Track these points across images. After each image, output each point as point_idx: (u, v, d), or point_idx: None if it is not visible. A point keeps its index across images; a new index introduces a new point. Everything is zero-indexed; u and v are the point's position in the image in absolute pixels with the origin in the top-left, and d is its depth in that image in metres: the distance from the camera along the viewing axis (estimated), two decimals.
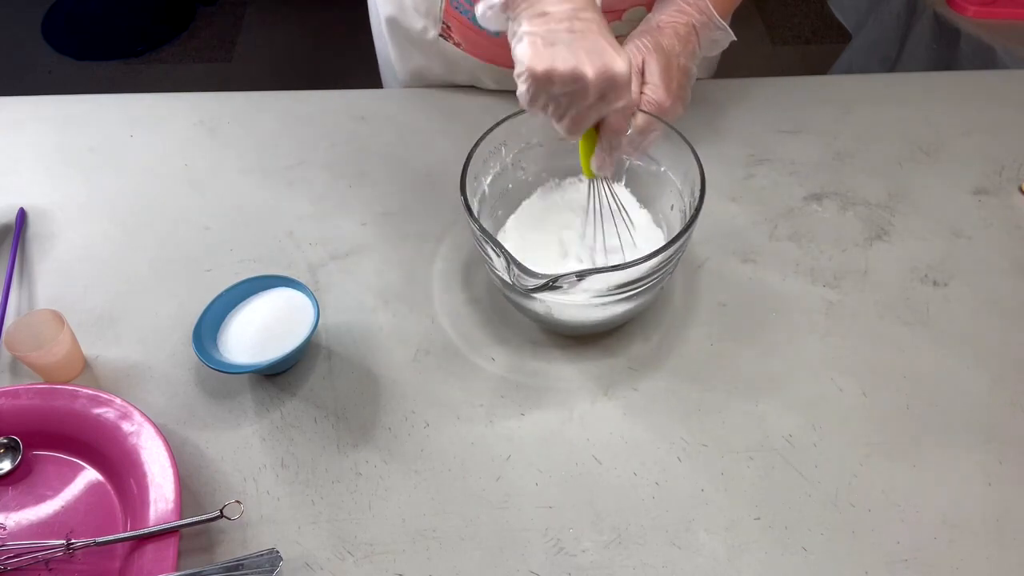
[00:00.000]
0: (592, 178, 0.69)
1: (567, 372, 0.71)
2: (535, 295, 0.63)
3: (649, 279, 0.64)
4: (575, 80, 0.57)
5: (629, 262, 0.60)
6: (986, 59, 1.30)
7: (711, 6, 0.75)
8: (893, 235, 0.82)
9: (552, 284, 0.60)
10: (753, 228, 0.82)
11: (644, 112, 0.71)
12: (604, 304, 0.65)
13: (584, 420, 0.68)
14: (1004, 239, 0.82)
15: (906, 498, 0.63)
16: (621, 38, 0.76)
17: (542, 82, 0.57)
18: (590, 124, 0.62)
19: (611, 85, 0.58)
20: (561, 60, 0.56)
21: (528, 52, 0.57)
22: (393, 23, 0.94)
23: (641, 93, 0.72)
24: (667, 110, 0.73)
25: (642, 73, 0.73)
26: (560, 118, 0.61)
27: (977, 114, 0.94)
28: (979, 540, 0.61)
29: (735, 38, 0.78)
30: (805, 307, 0.76)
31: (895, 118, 0.94)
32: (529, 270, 0.60)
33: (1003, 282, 0.78)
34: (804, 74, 1.01)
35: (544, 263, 0.71)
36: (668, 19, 0.75)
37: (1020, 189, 0.86)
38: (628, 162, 0.76)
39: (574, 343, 0.73)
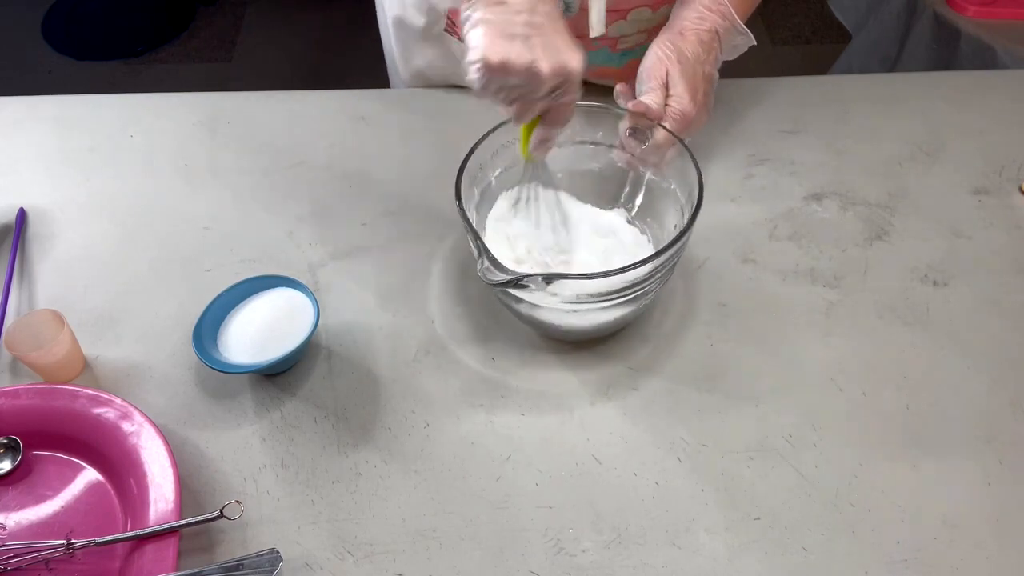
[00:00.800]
0: (530, 160, 0.69)
1: (567, 372, 0.71)
2: (509, 290, 0.63)
3: (627, 292, 0.63)
4: (530, 75, 0.57)
5: (597, 272, 0.60)
6: (986, 59, 1.30)
7: (732, 11, 0.74)
8: (893, 235, 0.82)
9: (518, 282, 0.59)
10: (753, 228, 0.82)
11: (664, 128, 0.70)
12: (579, 312, 0.65)
13: (584, 420, 0.68)
14: (1004, 239, 0.82)
15: (906, 498, 0.63)
16: (647, 36, 0.75)
17: (496, 72, 0.57)
18: (538, 112, 0.63)
19: (564, 80, 0.58)
20: (516, 54, 0.56)
21: (483, 41, 0.57)
22: (399, 22, 0.94)
23: (666, 105, 0.72)
24: (693, 120, 0.72)
25: (666, 85, 0.73)
26: (509, 104, 0.61)
27: (977, 114, 0.94)
28: (979, 540, 0.61)
29: (755, 42, 0.78)
30: (805, 307, 0.76)
31: (895, 118, 0.94)
32: (499, 263, 0.60)
33: (1003, 282, 0.78)
34: (804, 74, 1.01)
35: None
36: (691, 25, 0.75)
37: (1020, 189, 0.86)
38: (647, 175, 0.75)
39: (573, 344, 0.73)
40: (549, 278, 0.59)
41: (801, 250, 0.80)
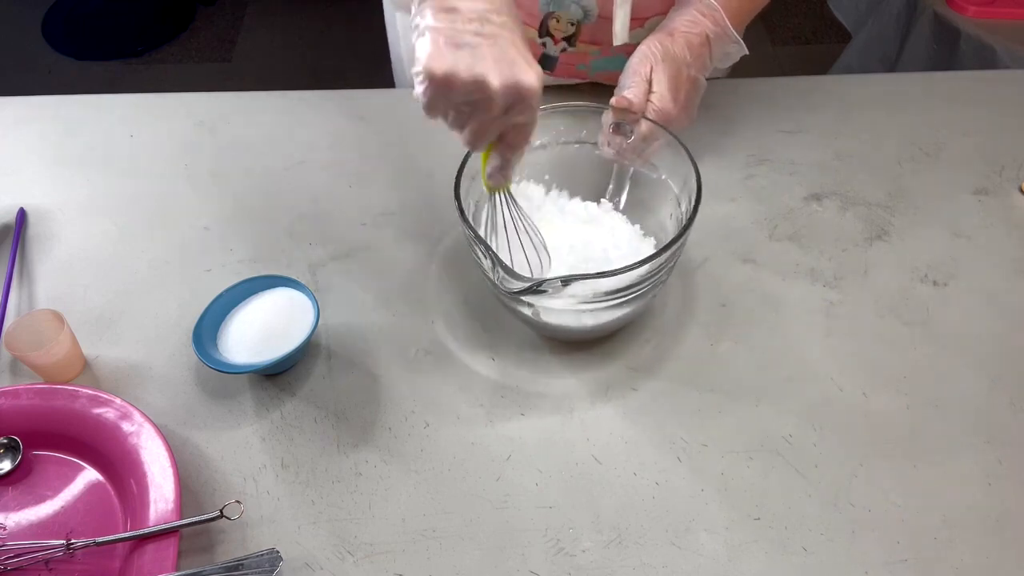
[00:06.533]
0: (490, 191, 0.64)
1: (567, 372, 0.71)
2: (521, 298, 0.62)
3: (638, 287, 0.63)
4: (478, 89, 0.52)
5: (615, 270, 0.60)
6: (986, 59, 1.30)
7: (726, 18, 0.74)
8: (893, 235, 0.82)
9: (536, 288, 0.59)
10: (753, 228, 0.82)
11: (648, 120, 0.70)
12: (592, 311, 0.65)
13: (584, 420, 0.68)
14: (1004, 239, 0.82)
15: (906, 498, 0.63)
16: (633, 45, 0.75)
17: (441, 86, 0.52)
18: (493, 137, 0.57)
19: (518, 98, 0.53)
20: (464, 65, 0.51)
21: (428, 50, 0.51)
22: (407, 23, 0.94)
23: (648, 101, 0.72)
24: (672, 120, 0.72)
25: (649, 82, 0.73)
26: (460, 127, 0.56)
27: (977, 114, 0.94)
28: (979, 540, 0.61)
29: (747, 52, 0.77)
30: (805, 307, 0.76)
31: (895, 118, 0.94)
32: (514, 272, 0.60)
33: (1003, 282, 0.78)
34: (804, 74, 1.01)
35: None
36: (682, 28, 0.74)
37: (1020, 189, 0.86)
38: (631, 169, 0.75)
39: (573, 344, 0.73)
40: (567, 280, 0.59)
41: (801, 250, 0.80)
